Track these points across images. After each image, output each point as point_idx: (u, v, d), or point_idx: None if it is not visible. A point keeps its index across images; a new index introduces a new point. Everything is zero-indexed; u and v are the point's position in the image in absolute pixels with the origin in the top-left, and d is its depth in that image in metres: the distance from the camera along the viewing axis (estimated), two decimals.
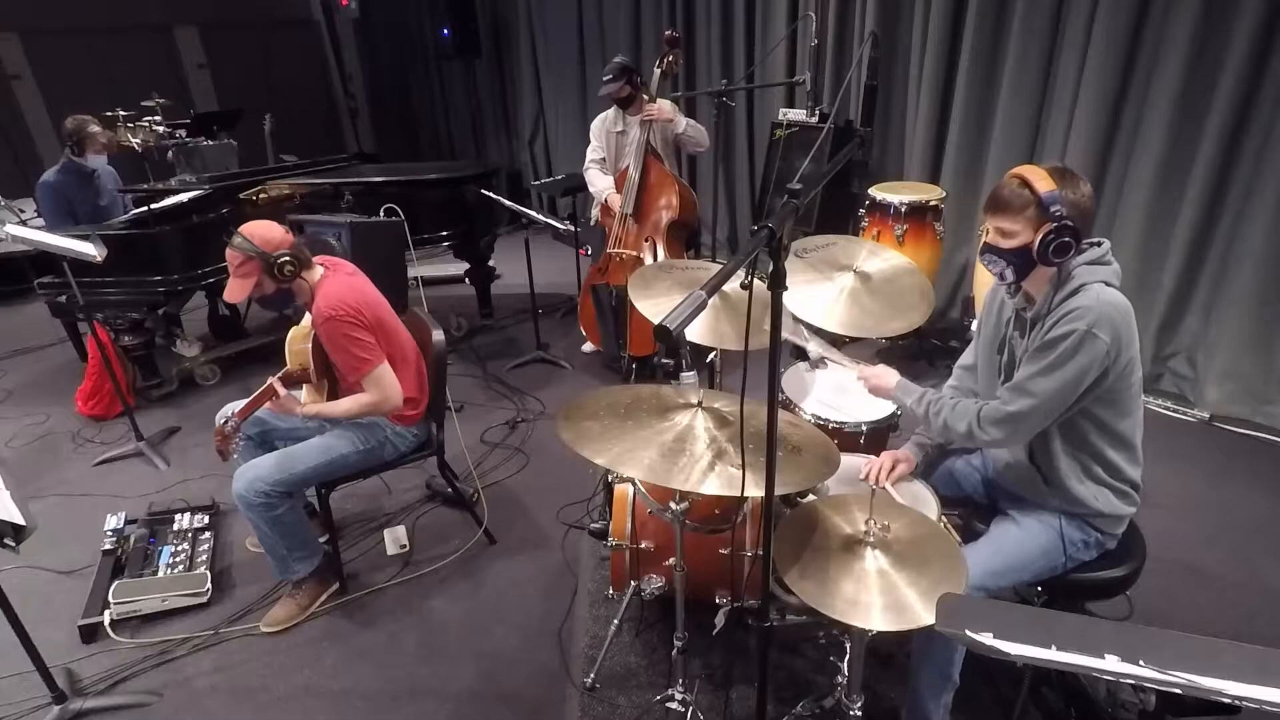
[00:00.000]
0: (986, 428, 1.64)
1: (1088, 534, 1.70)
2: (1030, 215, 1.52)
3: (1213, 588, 2.38)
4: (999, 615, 1.05)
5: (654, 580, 2.04)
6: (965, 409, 1.69)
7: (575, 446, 1.52)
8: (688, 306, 1.02)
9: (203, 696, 2.15)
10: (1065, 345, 1.52)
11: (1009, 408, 1.60)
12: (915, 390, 1.84)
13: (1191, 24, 2.98)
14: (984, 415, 1.64)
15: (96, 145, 3.82)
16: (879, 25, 4.00)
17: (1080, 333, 1.50)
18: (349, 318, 2.17)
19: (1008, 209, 1.54)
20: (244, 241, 2.13)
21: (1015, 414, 1.60)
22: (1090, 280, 1.55)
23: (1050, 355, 1.54)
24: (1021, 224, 1.53)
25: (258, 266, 2.13)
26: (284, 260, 2.12)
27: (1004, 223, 1.55)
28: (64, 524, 2.89)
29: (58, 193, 3.84)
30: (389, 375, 2.27)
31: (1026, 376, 1.58)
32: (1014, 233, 1.55)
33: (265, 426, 2.45)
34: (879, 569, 1.41)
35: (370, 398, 2.25)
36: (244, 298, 2.20)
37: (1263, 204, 3.00)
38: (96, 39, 6.34)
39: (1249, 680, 0.88)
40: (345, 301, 2.18)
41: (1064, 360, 1.52)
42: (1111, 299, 1.53)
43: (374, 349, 2.23)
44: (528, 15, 6.44)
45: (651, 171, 3.65)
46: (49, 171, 3.85)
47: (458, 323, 4.59)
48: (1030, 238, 1.53)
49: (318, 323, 2.18)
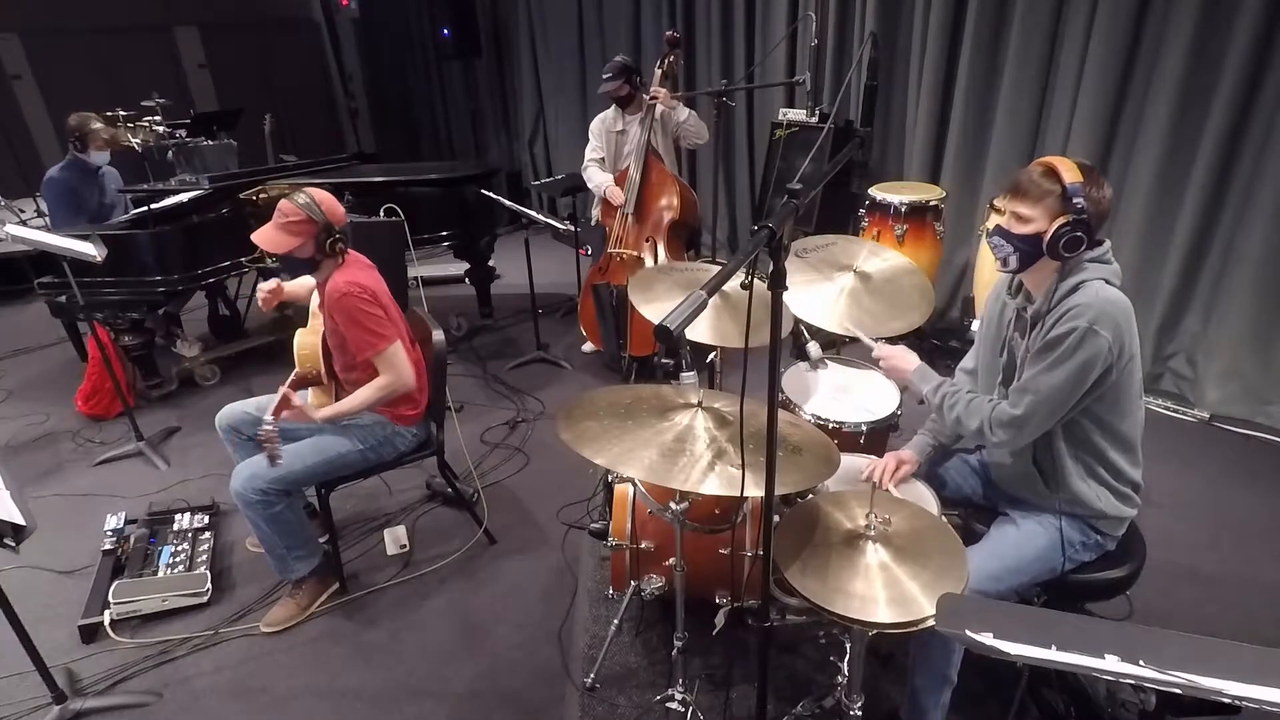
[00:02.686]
0: (995, 430, 1.64)
1: (1087, 535, 1.70)
2: (1051, 204, 1.52)
3: (1213, 588, 2.38)
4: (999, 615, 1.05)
5: (654, 580, 2.04)
6: (979, 407, 1.68)
7: (575, 446, 1.52)
8: (688, 307, 1.02)
9: (203, 696, 2.15)
10: (1067, 343, 1.51)
11: (1015, 410, 1.60)
12: (933, 378, 1.81)
13: (1191, 24, 2.98)
14: (994, 417, 1.64)
15: (99, 141, 3.81)
16: (879, 25, 4.00)
17: (1081, 330, 1.50)
18: (365, 295, 2.21)
19: (1029, 193, 1.54)
20: (310, 204, 2.17)
21: (1021, 416, 1.59)
22: (1090, 278, 1.55)
23: (1052, 354, 1.54)
24: (1040, 211, 1.53)
25: (313, 231, 2.17)
26: (339, 235, 2.20)
27: (1023, 207, 1.55)
28: (64, 524, 2.89)
29: (65, 187, 3.84)
30: (401, 354, 2.29)
31: (1030, 376, 1.58)
32: (1030, 219, 1.54)
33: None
34: (880, 563, 1.41)
35: (385, 380, 2.26)
36: (282, 250, 2.18)
37: (1263, 204, 3.00)
38: (96, 39, 6.34)
39: (1249, 680, 0.88)
40: (360, 281, 2.23)
41: (1065, 357, 1.52)
42: (1111, 296, 1.53)
43: (387, 326, 2.26)
44: (528, 15, 6.44)
45: (652, 171, 3.65)
46: (54, 167, 3.85)
47: (458, 323, 4.59)
48: (1044, 227, 1.53)
49: (333, 299, 2.20)
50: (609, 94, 3.70)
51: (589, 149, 3.91)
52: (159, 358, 3.94)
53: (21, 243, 2.97)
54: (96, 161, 3.88)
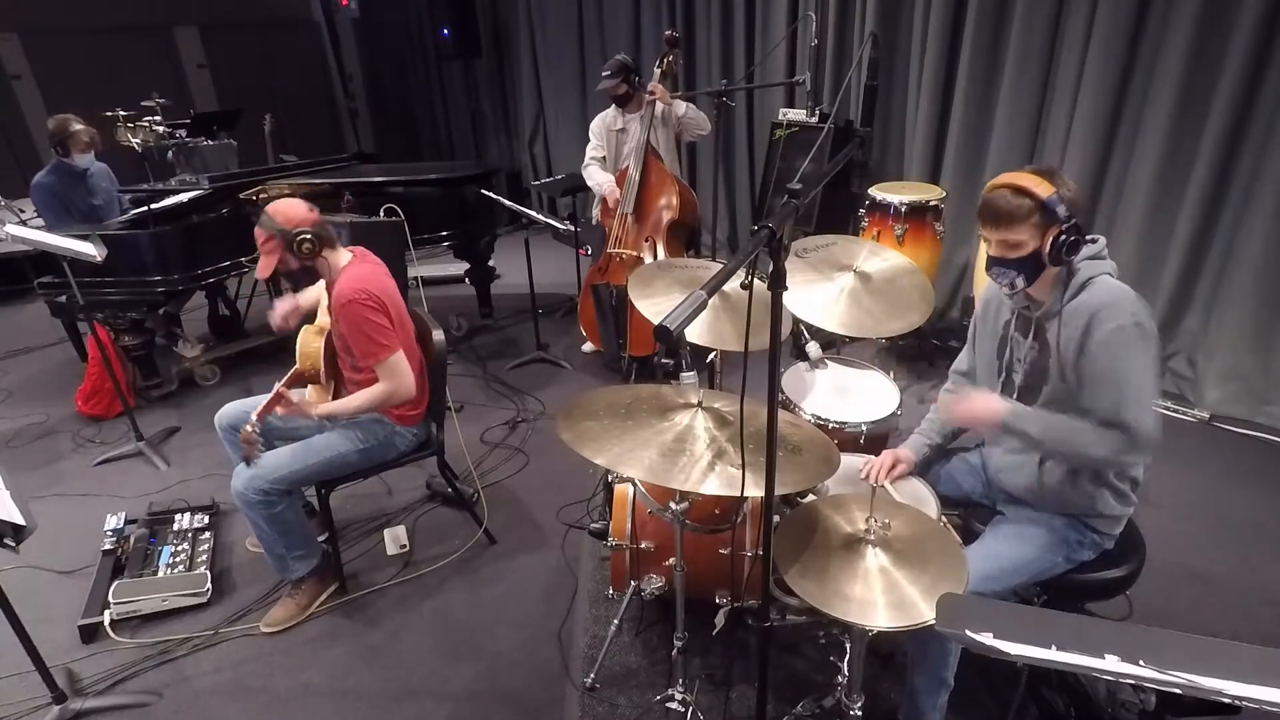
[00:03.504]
0: (1123, 456, 1.55)
1: (1084, 535, 1.70)
2: (1035, 222, 1.51)
3: (1213, 588, 2.38)
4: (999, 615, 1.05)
5: (654, 580, 2.04)
6: (1102, 437, 1.54)
7: (575, 446, 1.52)
8: (688, 306, 1.02)
9: (203, 696, 2.15)
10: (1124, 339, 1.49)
11: (1135, 424, 1.51)
12: (1029, 413, 1.63)
13: (1191, 24, 2.98)
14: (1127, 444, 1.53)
15: (80, 144, 3.77)
16: (879, 25, 4.00)
17: (1126, 324, 1.49)
18: (371, 302, 2.20)
19: (1011, 220, 1.51)
20: (268, 219, 2.18)
21: (1140, 427, 1.50)
22: (1095, 274, 1.55)
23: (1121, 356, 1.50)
24: (1027, 232, 1.52)
25: (280, 244, 2.18)
26: (303, 238, 2.17)
27: (1009, 234, 1.53)
28: (64, 524, 2.89)
29: (50, 193, 3.82)
30: (403, 364, 2.28)
31: (1120, 392, 1.51)
32: (1020, 243, 1.53)
33: (265, 426, 2.43)
34: (880, 567, 1.41)
35: (384, 388, 2.26)
36: (269, 274, 2.23)
37: (1263, 204, 3.00)
38: (96, 39, 6.34)
39: (1249, 680, 0.88)
40: (368, 287, 2.22)
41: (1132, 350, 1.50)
42: (1123, 288, 1.54)
43: (392, 335, 2.25)
44: (528, 15, 6.44)
45: (652, 171, 3.65)
46: (40, 173, 3.83)
47: (458, 323, 4.59)
48: (1038, 243, 1.52)
49: (340, 304, 2.20)
50: (606, 92, 3.71)
51: (589, 148, 3.91)
52: (159, 358, 3.94)
53: (21, 243, 2.97)
54: (81, 164, 3.84)
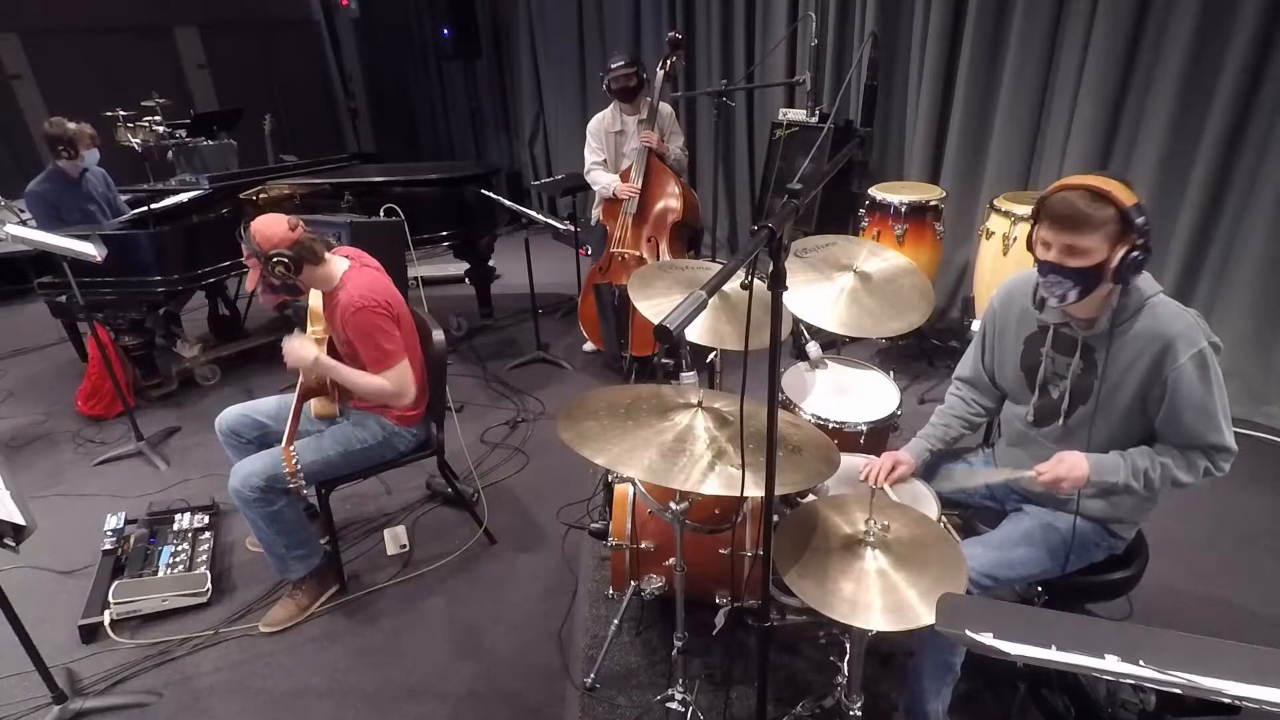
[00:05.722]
0: (1212, 475, 1.58)
1: (1103, 538, 1.70)
2: (1110, 231, 1.42)
3: (1213, 588, 2.38)
4: (999, 615, 1.05)
5: (654, 580, 2.04)
6: (1189, 463, 1.57)
7: (575, 446, 1.52)
8: (688, 306, 1.02)
9: (203, 696, 2.15)
10: (1205, 365, 1.48)
11: (1226, 445, 1.54)
12: (1114, 461, 1.58)
13: (1191, 24, 2.98)
14: (1214, 465, 1.57)
15: (85, 140, 3.78)
16: (879, 25, 3.99)
17: (1206, 350, 1.48)
18: (380, 309, 2.20)
19: (1087, 224, 1.41)
20: (247, 237, 2.17)
21: (1230, 446, 1.55)
22: (1149, 294, 1.51)
23: (1206, 381, 1.49)
24: (1099, 240, 1.42)
25: (259, 264, 2.17)
26: (277, 260, 2.13)
27: (1079, 239, 1.43)
28: (64, 524, 2.89)
29: (44, 201, 3.81)
30: (408, 372, 2.29)
31: (1209, 418, 1.52)
32: (1089, 250, 1.43)
33: (265, 429, 2.44)
34: (879, 569, 1.41)
35: (389, 386, 2.26)
36: (253, 287, 2.23)
37: (1263, 204, 3.00)
38: (96, 39, 6.33)
39: (1249, 680, 0.88)
40: (375, 293, 2.21)
41: (1211, 374, 1.49)
42: (1187, 311, 1.50)
43: (399, 342, 2.26)
44: (528, 15, 6.43)
45: (654, 172, 3.65)
46: (34, 181, 3.82)
47: (458, 323, 4.59)
48: (1106, 255, 1.43)
49: (349, 312, 2.19)
50: (618, 78, 3.66)
51: (589, 152, 3.89)
52: (159, 358, 3.94)
53: (21, 243, 2.97)
54: (85, 163, 3.84)
